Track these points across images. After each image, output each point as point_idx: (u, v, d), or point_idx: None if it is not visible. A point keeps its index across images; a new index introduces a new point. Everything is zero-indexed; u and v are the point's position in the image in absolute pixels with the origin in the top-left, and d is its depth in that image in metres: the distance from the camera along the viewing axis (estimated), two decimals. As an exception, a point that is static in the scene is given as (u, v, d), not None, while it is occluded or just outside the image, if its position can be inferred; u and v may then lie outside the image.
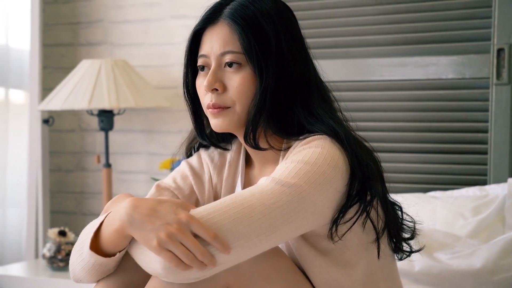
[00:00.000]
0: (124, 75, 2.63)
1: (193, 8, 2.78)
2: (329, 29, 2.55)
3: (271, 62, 1.24)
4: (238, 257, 1.12)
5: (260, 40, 1.24)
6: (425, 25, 2.43)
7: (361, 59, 2.49)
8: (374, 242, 1.26)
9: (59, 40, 3.07)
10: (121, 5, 2.95)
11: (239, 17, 1.25)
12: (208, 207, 1.13)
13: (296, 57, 1.27)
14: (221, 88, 1.26)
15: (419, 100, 2.43)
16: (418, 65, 2.42)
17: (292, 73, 1.26)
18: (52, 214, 3.06)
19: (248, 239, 1.11)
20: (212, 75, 1.26)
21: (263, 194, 1.14)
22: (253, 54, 1.23)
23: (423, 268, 1.87)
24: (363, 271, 1.26)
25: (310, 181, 1.15)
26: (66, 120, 3.07)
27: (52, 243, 2.50)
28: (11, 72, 3.00)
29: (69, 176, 3.08)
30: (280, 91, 1.25)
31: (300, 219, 1.15)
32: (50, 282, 2.42)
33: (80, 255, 1.23)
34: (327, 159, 1.17)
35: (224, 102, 1.26)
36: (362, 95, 2.50)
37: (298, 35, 1.30)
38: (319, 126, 1.25)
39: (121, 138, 2.95)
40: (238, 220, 1.10)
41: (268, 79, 1.23)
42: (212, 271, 1.11)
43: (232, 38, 1.25)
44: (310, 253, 1.24)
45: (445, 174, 2.38)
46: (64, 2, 3.05)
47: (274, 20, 1.25)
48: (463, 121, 2.38)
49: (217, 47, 1.26)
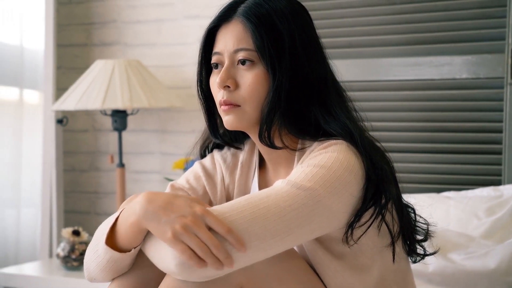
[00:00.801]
0: (137, 75, 2.63)
1: (206, 8, 2.78)
2: (342, 29, 2.54)
3: (285, 60, 1.24)
4: (252, 258, 1.12)
5: (273, 38, 1.24)
6: (439, 24, 2.42)
7: (375, 59, 2.49)
8: (389, 246, 1.25)
9: (73, 41, 3.08)
10: (134, 5, 2.96)
11: (252, 15, 1.25)
12: (224, 206, 1.13)
13: (311, 56, 1.27)
14: (233, 85, 1.27)
15: (433, 100, 2.42)
16: (432, 65, 2.41)
17: (307, 71, 1.25)
18: (66, 214, 3.08)
19: (263, 240, 1.11)
20: (225, 72, 1.27)
21: (279, 196, 1.14)
22: (266, 52, 1.23)
23: (437, 269, 1.86)
24: (376, 274, 1.26)
25: (326, 185, 1.15)
26: (80, 120, 3.08)
27: (66, 243, 2.51)
28: (25, 73, 3.02)
29: (83, 176, 3.09)
30: (295, 89, 1.25)
31: (315, 222, 1.15)
32: (64, 282, 2.44)
33: (95, 252, 1.23)
34: (343, 164, 1.17)
35: (235, 100, 1.27)
36: (375, 95, 2.49)
37: (313, 34, 1.30)
38: (335, 125, 1.24)
39: (134, 138, 2.96)
40: (253, 221, 1.11)
41: (281, 77, 1.23)
42: (226, 270, 1.11)
43: (246, 35, 1.26)
44: (325, 257, 1.24)
45: (459, 174, 2.37)
46: (77, 3, 3.06)
47: (288, 19, 1.25)
48: (477, 121, 2.37)
49: (231, 45, 1.27)
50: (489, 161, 2.35)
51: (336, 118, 1.25)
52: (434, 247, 1.36)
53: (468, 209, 2.09)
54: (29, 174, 3.03)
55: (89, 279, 1.28)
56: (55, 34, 2.93)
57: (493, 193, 2.14)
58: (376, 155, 1.23)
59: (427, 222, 1.33)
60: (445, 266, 1.86)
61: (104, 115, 2.92)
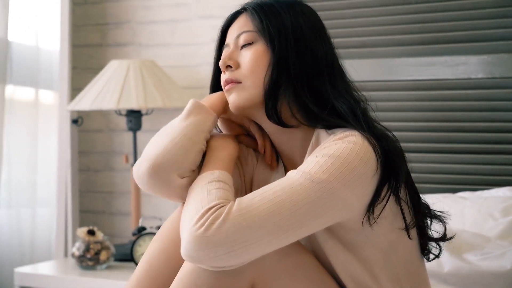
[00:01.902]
0: (152, 75, 2.64)
1: (220, 8, 2.79)
2: (356, 28, 2.54)
3: (286, 36, 1.28)
4: (265, 251, 1.15)
5: (275, 20, 1.29)
6: (454, 24, 2.41)
7: (389, 58, 2.48)
8: (403, 229, 1.26)
9: (88, 41, 3.09)
10: (149, 6, 2.96)
11: (256, 5, 1.32)
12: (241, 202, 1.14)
13: (316, 39, 1.31)
14: (234, 65, 1.31)
15: (448, 100, 2.41)
16: (447, 65, 2.40)
17: (311, 49, 1.29)
18: (81, 213, 3.09)
19: (276, 235, 1.13)
20: (227, 54, 1.32)
21: (293, 189, 1.15)
22: (265, 30, 1.29)
23: (452, 269, 1.85)
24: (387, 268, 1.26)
25: (340, 177, 1.16)
26: (95, 120, 3.09)
27: (81, 242, 2.52)
28: (41, 73, 3.03)
29: (98, 175, 3.10)
30: (299, 65, 1.28)
31: (328, 214, 1.16)
32: (79, 281, 2.45)
33: (169, 128, 1.33)
34: (359, 155, 1.18)
35: (235, 77, 1.31)
36: (390, 95, 2.49)
37: (318, 24, 1.34)
38: (342, 102, 1.27)
39: (149, 138, 2.95)
40: (267, 217, 1.12)
41: (282, 51, 1.27)
42: (238, 263, 1.14)
43: (248, 21, 1.32)
44: (335, 246, 1.25)
45: (475, 175, 2.36)
46: (92, 3, 3.08)
47: (292, 8, 1.31)
48: (492, 121, 2.35)
49: (235, 33, 1.33)
50: (505, 161, 2.33)
51: (342, 95, 1.28)
52: (446, 245, 1.36)
53: (484, 210, 2.08)
54: (44, 174, 3.05)
55: (153, 172, 1.26)
56: (71, 34, 2.95)
57: (509, 193, 2.13)
58: (385, 138, 1.24)
59: (443, 214, 1.34)
60: (461, 266, 1.85)
61: (119, 115, 2.93)
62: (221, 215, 1.12)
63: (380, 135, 1.24)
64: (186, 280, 1.20)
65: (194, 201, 1.18)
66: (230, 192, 1.20)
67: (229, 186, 1.22)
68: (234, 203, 1.14)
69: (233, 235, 1.11)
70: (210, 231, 1.11)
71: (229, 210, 1.13)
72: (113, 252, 2.54)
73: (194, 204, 1.17)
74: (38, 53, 3.03)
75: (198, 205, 1.16)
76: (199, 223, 1.12)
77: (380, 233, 1.24)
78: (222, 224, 1.11)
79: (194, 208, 1.16)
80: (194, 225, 1.12)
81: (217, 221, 1.11)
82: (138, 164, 1.29)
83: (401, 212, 1.25)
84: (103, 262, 2.51)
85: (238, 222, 1.11)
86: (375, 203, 1.20)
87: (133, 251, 2.42)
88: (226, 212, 1.12)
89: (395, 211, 1.25)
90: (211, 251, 1.11)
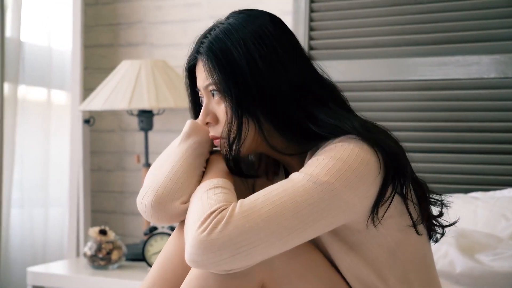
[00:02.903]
0: (164, 75, 2.65)
1: (232, 9, 2.78)
2: (368, 28, 2.53)
3: (243, 80, 1.25)
4: (270, 253, 1.15)
5: (227, 64, 1.26)
6: (466, 23, 2.39)
7: (401, 58, 2.47)
8: (410, 226, 1.25)
9: (100, 41, 3.10)
10: (161, 6, 2.97)
11: (208, 51, 1.29)
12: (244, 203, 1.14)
13: (279, 69, 1.27)
14: (214, 120, 1.32)
15: (460, 99, 2.40)
16: (459, 65, 2.39)
17: (272, 84, 1.25)
18: (93, 213, 3.10)
19: (280, 237, 1.13)
20: (203, 110, 1.33)
21: (295, 190, 1.15)
22: (220, 82, 1.27)
23: (464, 270, 1.84)
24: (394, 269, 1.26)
25: (342, 178, 1.16)
26: (107, 120, 3.10)
27: (93, 242, 2.53)
28: (53, 73, 3.05)
29: (110, 175, 3.11)
30: (265, 105, 1.26)
31: (331, 216, 1.16)
32: (91, 280, 2.45)
33: (168, 153, 1.32)
34: (360, 156, 1.18)
35: (219, 133, 1.31)
36: (402, 95, 2.48)
37: (282, 45, 1.29)
38: (326, 128, 1.24)
39: (160, 138, 2.98)
40: (270, 218, 1.12)
41: (240, 97, 1.25)
42: (243, 266, 1.13)
43: (207, 71, 1.29)
44: (340, 248, 1.25)
45: (487, 175, 2.35)
46: (104, 4, 3.09)
47: (246, 42, 1.27)
48: (505, 121, 2.34)
49: (201, 82, 1.32)
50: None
51: (318, 117, 1.25)
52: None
53: (496, 210, 2.06)
54: (56, 173, 3.06)
55: (150, 210, 1.28)
56: (82, 35, 2.96)
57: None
58: (385, 138, 1.23)
59: (440, 197, 1.33)
60: (473, 267, 1.84)
61: (131, 115, 2.93)
62: (223, 218, 1.12)
63: (379, 137, 1.23)
64: (194, 283, 1.20)
65: (195, 207, 1.18)
66: (231, 195, 1.20)
67: (230, 190, 1.22)
68: (236, 205, 1.14)
69: (236, 238, 1.10)
70: (213, 234, 1.11)
71: (232, 212, 1.13)
72: (124, 252, 2.55)
73: (196, 210, 1.17)
74: (50, 53, 3.04)
75: (200, 210, 1.16)
76: (202, 227, 1.12)
77: (386, 233, 1.24)
78: (225, 226, 1.11)
79: (196, 213, 1.16)
80: (197, 230, 1.12)
81: (220, 224, 1.11)
82: (141, 196, 1.30)
83: (407, 210, 1.24)
84: (115, 261, 2.52)
85: (241, 224, 1.11)
86: (379, 204, 1.20)
87: (144, 251, 2.42)
88: (229, 214, 1.12)
89: (401, 210, 1.24)
90: (215, 254, 1.11)
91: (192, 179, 1.28)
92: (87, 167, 2.99)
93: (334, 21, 2.58)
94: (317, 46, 2.60)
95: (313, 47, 2.60)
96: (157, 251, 2.41)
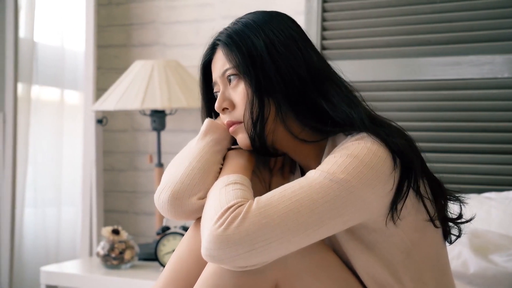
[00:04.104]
0: (176, 75, 2.65)
1: (244, 9, 2.78)
2: (381, 28, 2.52)
3: (261, 63, 1.27)
4: (286, 250, 1.15)
5: (248, 49, 1.29)
6: (479, 23, 2.38)
7: (414, 58, 2.46)
8: (427, 220, 1.25)
9: (113, 42, 3.11)
10: (173, 6, 2.98)
11: (227, 38, 1.31)
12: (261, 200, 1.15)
13: (295, 54, 1.29)
14: (230, 106, 1.32)
15: (474, 99, 2.39)
16: (473, 64, 2.38)
17: (293, 68, 1.28)
18: (105, 213, 3.11)
19: (296, 234, 1.13)
20: (220, 96, 1.33)
21: (312, 188, 1.15)
22: (241, 64, 1.28)
23: (478, 271, 1.83)
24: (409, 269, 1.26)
25: (359, 176, 1.16)
26: (119, 120, 3.11)
27: (106, 242, 2.54)
28: (66, 73, 3.06)
29: (122, 175, 3.12)
30: (285, 87, 1.27)
31: (348, 213, 1.16)
32: (103, 280, 2.46)
33: (186, 150, 1.34)
34: (377, 154, 1.18)
35: (236, 118, 1.32)
36: (415, 95, 2.47)
37: (295, 34, 1.32)
38: (340, 113, 1.26)
39: (173, 138, 2.98)
40: (286, 215, 1.13)
41: (261, 78, 1.27)
42: (259, 262, 1.14)
43: (226, 57, 1.31)
44: (356, 247, 1.25)
45: (501, 175, 2.34)
46: (117, 4, 3.10)
47: (263, 28, 1.30)
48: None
49: (218, 70, 1.33)
50: (532, 161, 2.31)
51: (337, 105, 1.27)
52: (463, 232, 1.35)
53: (510, 210, 2.06)
54: (69, 173, 3.07)
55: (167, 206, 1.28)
56: (95, 35, 2.97)
57: (536, 194, 2.11)
58: (397, 135, 1.24)
59: (457, 195, 1.33)
60: (486, 267, 1.83)
61: (143, 115, 2.94)
62: (240, 214, 1.12)
63: (391, 133, 1.24)
64: (210, 281, 1.21)
65: (213, 202, 1.19)
66: (248, 192, 1.21)
67: (247, 186, 1.23)
68: (253, 202, 1.15)
69: (253, 233, 1.11)
70: (230, 229, 1.11)
71: (248, 208, 1.13)
72: (137, 252, 2.56)
73: (213, 205, 1.18)
74: (64, 53, 3.06)
75: (217, 206, 1.16)
76: (219, 222, 1.13)
77: (403, 232, 1.24)
78: (242, 222, 1.12)
79: (213, 208, 1.17)
80: (214, 224, 1.13)
81: (236, 219, 1.12)
82: (158, 192, 1.31)
83: (423, 205, 1.24)
84: (128, 261, 2.53)
85: (257, 220, 1.12)
86: (397, 200, 1.20)
87: (157, 251, 2.43)
88: (245, 210, 1.13)
89: (417, 208, 1.24)
90: (231, 249, 1.11)
91: (209, 175, 1.29)
92: (100, 167, 3.00)
93: (346, 21, 2.58)
94: (329, 46, 2.60)
95: (326, 47, 2.60)
96: (169, 251, 2.41)
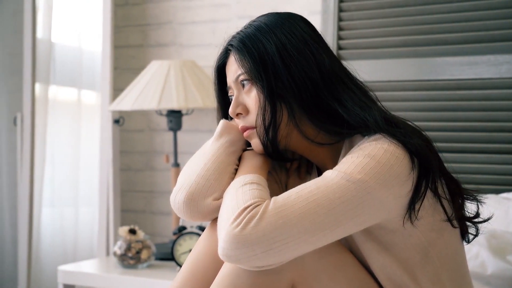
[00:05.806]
0: (192, 75, 2.66)
1: (260, 9, 2.79)
2: (397, 28, 2.51)
3: (274, 67, 1.28)
4: (303, 251, 1.15)
5: (259, 55, 1.29)
6: (497, 22, 2.37)
7: (431, 58, 2.45)
8: (445, 221, 1.25)
9: (129, 42, 3.12)
10: (190, 7, 2.98)
11: (239, 43, 1.32)
12: (277, 200, 1.15)
13: (308, 58, 1.29)
14: (244, 111, 1.33)
15: (491, 99, 2.38)
16: (490, 64, 2.36)
17: (306, 72, 1.28)
18: (122, 212, 3.12)
19: (313, 234, 1.13)
20: (234, 101, 1.34)
21: (329, 188, 1.15)
22: (253, 70, 1.29)
23: (496, 271, 1.82)
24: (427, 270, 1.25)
25: (376, 176, 1.16)
26: (136, 120, 3.12)
27: (123, 241, 2.55)
28: (83, 74, 3.08)
29: (139, 175, 3.13)
30: (298, 91, 1.27)
31: (365, 214, 1.16)
32: (120, 279, 2.47)
33: (202, 151, 1.35)
34: (394, 154, 1.18)
35: (249, 123, 1.33)
36: (432, 95, 2.46)
37: (308, 37, 1.31)
38: (354, 116, 1.26)
39: (189, 138, 2.99)
40: (303, 215, 1.13)
41: (272, 83, 1.27)
42: (276, 262, 1.14)
43: (238, 63, 1.32)
44: (373, 248, 1.25)
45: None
46: (134, 4, 3.11)
47: (274, 31, 1.30)
48: (537, 121, 2.31)
49: (232, 75, 1.34)
50: (550, 161, 2.29)
51: (350, 109, 1.27)
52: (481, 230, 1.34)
53: (528, 211, 2.04)
54: (86, 173, 3.09)
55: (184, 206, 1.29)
56: (112, 35, 2.98)
57: (554, 195, 2.09)
58: (414, 135, 1.23)
59: (474, 191, 1.32)
60: (505, 268, 1.82)
61: (160, 115, 2.95)
62: (257, 214, 1.13)
63: (408, 133, 1.23)
64: (226, 281, 1.21)
65: (230, 202, 1.19)
66: (265, 192, 1.21)
67: (263, 186, 1.23)
68: (269, 202, 1.15)
69: (270, 233, 1.11)
70: (247, 229, 1.11)
71: (265, 208, 1.13)
72: (154, 251, 2.57)
73: (230, 205, 1.18)
74: (81, 54, 3.07)
75: (234, 206, 1.17)
76: (236, 222, 1.13)
77: (420, 233, 1.23)
78: (259, 222, 1.12)
79: (230, 208, 1.17)
80: (231, 224, 1.13)
81: (253, 219, 1.12)
82: (174, 194, 1.31)
83: (441, 205, 1.24)
84: (144, 261, 2.54)
85: (274, 220, 1.12)
86: (415, 201, 1.19)
87: (173, 250, 2.43)
88: (262, 210, 1.13)
89: (434, 208, 1.24)
90: (248, 249, 1.11)
91: (224, 176, 1.30)
92: (117, 166, 3.02)
93: (363, 20, 2.57)
94: (346, 45, 2.59)
95: (342, 46, 2.60)
96: (186, 251, 2.42)
